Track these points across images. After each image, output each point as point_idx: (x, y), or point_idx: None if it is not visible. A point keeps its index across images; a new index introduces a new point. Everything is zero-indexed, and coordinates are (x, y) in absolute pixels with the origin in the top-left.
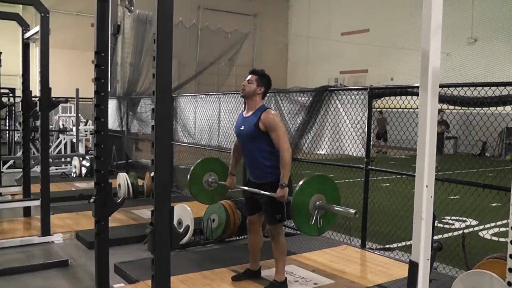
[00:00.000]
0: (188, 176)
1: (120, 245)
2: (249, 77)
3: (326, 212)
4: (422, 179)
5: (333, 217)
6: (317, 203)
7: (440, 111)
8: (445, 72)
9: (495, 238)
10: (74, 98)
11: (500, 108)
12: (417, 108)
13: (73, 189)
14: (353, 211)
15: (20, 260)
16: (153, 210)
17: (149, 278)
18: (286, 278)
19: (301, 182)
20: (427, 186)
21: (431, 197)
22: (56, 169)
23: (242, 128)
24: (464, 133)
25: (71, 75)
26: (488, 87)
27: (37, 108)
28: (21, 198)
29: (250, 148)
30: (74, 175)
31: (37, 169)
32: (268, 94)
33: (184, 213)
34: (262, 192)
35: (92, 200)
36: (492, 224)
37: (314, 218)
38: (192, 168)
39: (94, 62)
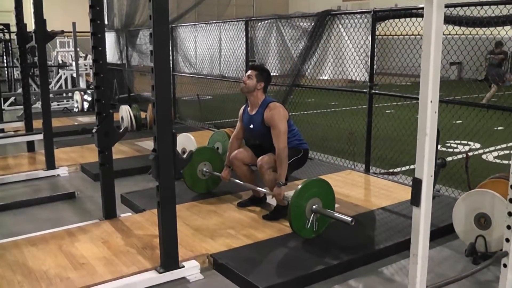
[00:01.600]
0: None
1: (125, 176)
2: (248, 72)
3: (322, 216)
4: (426, 94)
5: (329, 220)
6: (314, 207)
7: (500, 44)
8: None
9: (498, 161)
10: (71, 32)
11: (506, 28)
12: (420, 34)
13: (75, 123)
14: (349, 219)
15: (27, 193)
16: (156, 136)
17: (155, 207)
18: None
19: (299, 186)
20: (431, 101)
21: (436, 112)
22: (58, 105)
23: (251, 126)
24: (469, 55)
25: (67, 9)
26: (496, 6)
27: (34, 42)
28: (23, 133)
29: (265, 140)
30: (76, 110)
31: (38, 105)
32: (269, 21)
33: (188, 141)
34: (258, 188)
35: (94, 130)
36: (495, 147)
37: (309, 222)
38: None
39: None
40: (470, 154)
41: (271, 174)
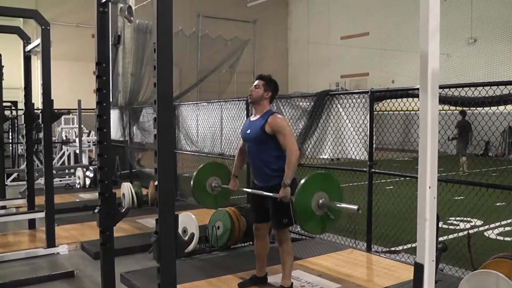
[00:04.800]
0: (192, 181)
1: (125, 255)
2: (256, 82)
3: (329, 209)
4: (424, 180)
5: (337, 213)
6: (320, 201)
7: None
8: (445, 73)
9: (501, 238)
10: (76, 109)
11: (501, 108)
12: (418, 110)
13: (77, 200)
14: (355, 207)
15: (26, 272)
16: (158, 219)
17: (155, 287)
18: (292, 283)
19: (302, 181)
20: (430, 187)
21: (434, 198)
22: (60, 181)
23: (248, 131)
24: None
25: (73, 87)
26: (489, 87)
27: (40, 121)
28: (25, 210)
29: (256, 152)
30: (78, 186)
31: (41, 181)
32: None
33: (189, 221)
34: (264, 193)
35: (96, 210)
36: (497, 224)
37: (318, 217)
38: (195, 173)
39: (95, 73)
40: (471, 231)
41: (289, 245)
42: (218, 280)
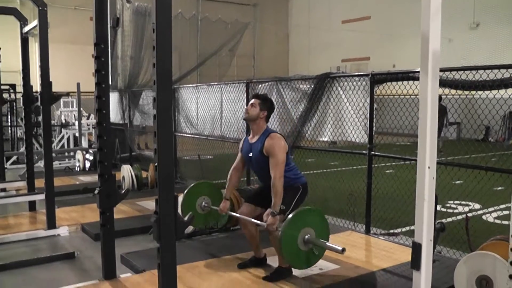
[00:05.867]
0: (181, 199)
1: (125, 236)
2: (252, 101)
3: (314, 245)
4: (424, 161)
5: (321, 250)
6: (306, 236)
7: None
8: (447, 57)
9: (498, 221)
10: (75, 92)
11: (502, 91)
12: (418, 94)
13: (77, 182)
14: (340, 248)
15: (27, 253)
16: (157, 199)
17: (155, 268)
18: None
19: (290, 216)
20: (429, 167)
21: (433, 178)
22: (60, 164)
23: (250, 155)
24: (466, 117)
25: (72, 70)
26: (490, 70)
27: (38, 103)
28: (25, 192)
29: (263, 172)
30: (78, 169)
31: (40, 164)
32: (270, 83)
33: None
34: (253, 220)
35: (96, 191)
36: (496, 208)
37: (303, 252)
38: (185, 191)
39: (94, 54)
40: (470, 215)
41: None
42: (217, 260)
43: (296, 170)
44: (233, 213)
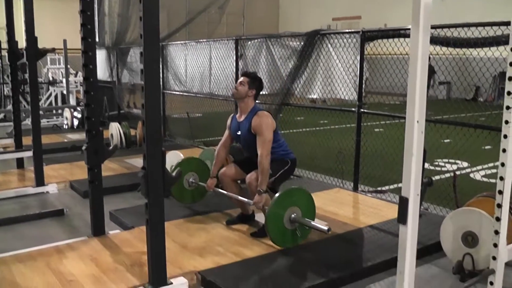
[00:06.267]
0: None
1: (114, 194)
2: (241, 79)
3: (300, 225)
4: (413, 114)
5: (305, 232)
6: (292, 215)
7: None
8: (439, 16)
9: (486, 179)
10: (62, 49)
11: (494, 50)
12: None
13: (65, 140)
14: (326, 228)
15: (16, 210)
16: (145, 154)
17: (143, 224)
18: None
19: (277, 195)
20: (418, 121)
21: (422, 132)
22: (48, 122)
23: (239, 133)
24: (457, 75)
25: (58, 27)
26: (482, 28)
27: (25, 59)
28: (13, 149)
29: (251, 149)
30: (66, 127)
31: (28, 122)
32: (259, 40)
33: (177, 159)
34: (240, 198)
35: (84, 148)
36: (483, 166)
37: (288, 231)
38: (173, 167)
39: (80, 8)
40: (458, 173)
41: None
42: (206, 217)
43: (286, 147)
44: (220, 190)
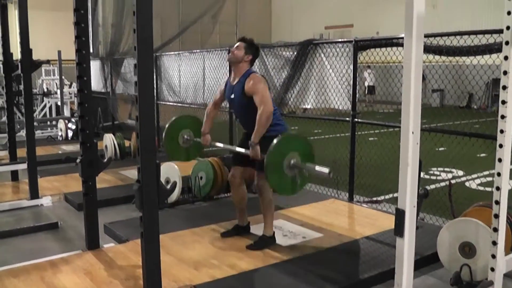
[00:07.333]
0: (163, 133)
1: (108, 206)
2: (238, 43)
3: (300, 171)
4: (407, 126)
5: (305, 179)
6: (292, 161)
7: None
8: (431, 24)
9: (481, 188)
10: (56, 60)
11: (486, 57)
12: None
13: (60, 152)
14: (327, 170)
15: (10, 223)
16: (139, 167)
17: (138, 237)
18: (274, 232)
19: (275, 141)
20: (413, 132)
21: (417, 143)
22: (42, 133)
23: (232, 96)
24: (450, 83)
25: (53, 38)
26: (475, 36)
27: (19, 71)
28: (7, 162)
29: (245, 113)
30: (60, 138)
31: (22, 133)
32: None
33: (172, 171)
34: (237, 149)
35: (78, 160)
36: (479, 174)
37: (288, 177)
38: (167, 124)
39: (74, 20)
40: (453, 181)
41: (270, 192)
42: (201, 229)
43: (279, 116)
44: (218, 144)
